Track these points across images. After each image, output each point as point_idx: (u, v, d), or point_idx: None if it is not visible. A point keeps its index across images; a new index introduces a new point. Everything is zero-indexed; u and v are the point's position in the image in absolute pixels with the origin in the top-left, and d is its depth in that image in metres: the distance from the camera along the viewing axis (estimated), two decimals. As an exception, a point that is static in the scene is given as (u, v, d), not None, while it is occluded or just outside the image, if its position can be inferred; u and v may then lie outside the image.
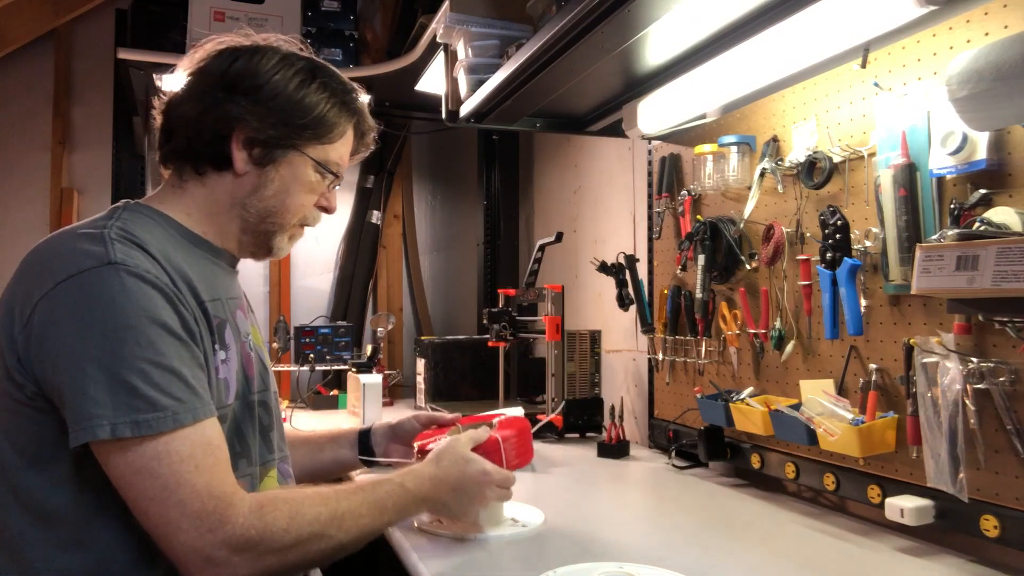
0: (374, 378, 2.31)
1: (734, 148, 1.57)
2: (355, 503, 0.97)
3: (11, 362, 0.89)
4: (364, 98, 1.15)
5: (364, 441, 1.38)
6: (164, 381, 0.86)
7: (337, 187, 1.15)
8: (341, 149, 1.12)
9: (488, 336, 2.16)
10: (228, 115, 1.01)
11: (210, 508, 0.84)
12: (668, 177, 1.83)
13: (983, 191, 1.06)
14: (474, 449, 1.17)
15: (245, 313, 1.13)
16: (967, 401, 1.06)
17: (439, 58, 1.91)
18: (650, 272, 1.95)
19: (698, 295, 1.65)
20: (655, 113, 1.60)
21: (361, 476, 1.39)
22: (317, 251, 3.21)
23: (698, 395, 1.60)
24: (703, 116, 1.65)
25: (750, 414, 1.43)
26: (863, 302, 1.26)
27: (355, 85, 1.14)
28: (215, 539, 0.83)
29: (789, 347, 1.44)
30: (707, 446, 1.59)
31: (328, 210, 1.15)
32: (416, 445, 1.29)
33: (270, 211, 1.07)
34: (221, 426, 0.97)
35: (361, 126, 1.15)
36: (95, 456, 0.86)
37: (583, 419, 2.02)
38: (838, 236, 1.28)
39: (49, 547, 0.89)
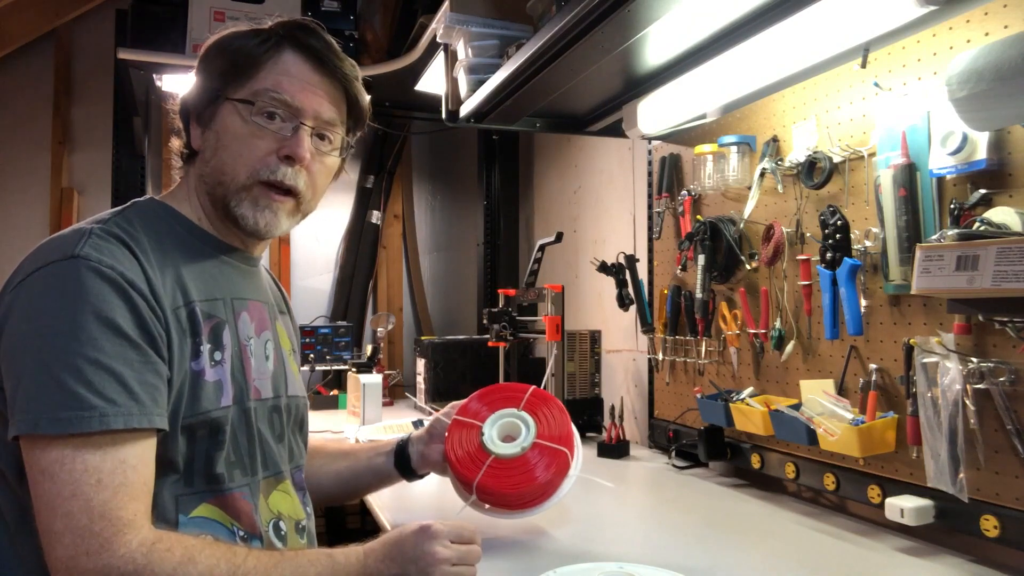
0: (374, 378, 2.32)
1: (734, 148, 1.57)
2: (266, 565, 0.85)
3: None
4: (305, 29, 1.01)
5: (402, 451, 1.29)
6: (98, 380, 0.80)
7: (303, 127, 0.98)
8: (274, 77, 0.98)
9: (488, 336, 2.16)
10: (185, 104, 1.03)
11: (96, 529, 0.77)
12: (668, 177, 1.84)
13: (983, 191, 1.06)
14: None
15: (252, 315, 1.05)
16: (967, 401, 1.06)
17: (439, 58, 1.91)
18: (650, 272, 1.95)
19: (698, 295, 1.65)
20: (655, 113, 1.60)
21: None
22: (317, 251, 3.21)
23: (698, 395, 1.60)
24: (703, 116, 1.65)
25: (750, 414, 1.43)
26: (863, 302, 1.26)
27: (289, 18, 1.03)
28: (89, 564, 0.77)
29: (789, 347, 1.44)
30: (707, 446, 1.59)
31: (292, 157, 0.97)
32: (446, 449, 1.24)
33: (215, 172, 0.98)
34: (221, 428, 0.93)
35: (297, 41, 1.00)
36: None
37: (583, 419, 2.02)
38: (838, 236, 1.28)
39: (11, 549, 0.86)
